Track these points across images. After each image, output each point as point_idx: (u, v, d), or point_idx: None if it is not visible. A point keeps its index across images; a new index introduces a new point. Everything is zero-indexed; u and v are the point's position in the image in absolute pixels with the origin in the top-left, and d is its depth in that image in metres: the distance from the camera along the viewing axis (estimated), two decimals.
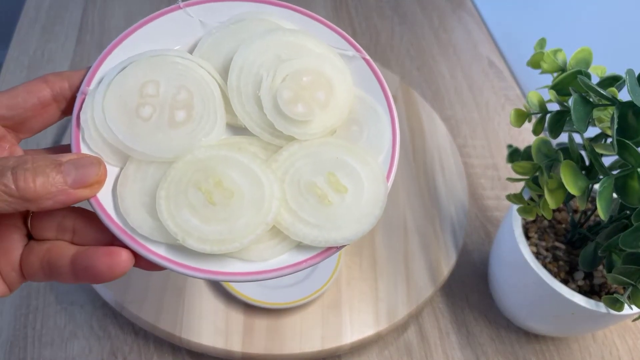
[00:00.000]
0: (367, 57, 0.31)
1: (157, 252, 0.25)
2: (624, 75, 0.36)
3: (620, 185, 0.37)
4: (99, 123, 0.26)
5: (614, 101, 0.36)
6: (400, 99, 0.73)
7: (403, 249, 0.57)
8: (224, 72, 0.29)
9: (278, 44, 0.30)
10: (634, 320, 0.41)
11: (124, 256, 0.24)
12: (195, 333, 0.48)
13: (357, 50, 0.31)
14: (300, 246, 0.27)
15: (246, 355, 0.48)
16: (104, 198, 0.26)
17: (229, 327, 0.49)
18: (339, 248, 0.27)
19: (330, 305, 0.52)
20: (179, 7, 0.30)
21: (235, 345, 0.48)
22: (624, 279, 0.38)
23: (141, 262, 0.26)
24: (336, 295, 0.52)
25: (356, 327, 0.50)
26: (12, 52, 0.73)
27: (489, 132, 0.73)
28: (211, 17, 0.31)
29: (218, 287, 0.51)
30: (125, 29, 0.30)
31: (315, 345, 0.49)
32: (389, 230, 0.58)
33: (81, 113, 0.26)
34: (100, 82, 0.28)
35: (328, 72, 0.29)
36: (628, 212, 0.42)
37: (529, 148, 0.48)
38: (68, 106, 0.28)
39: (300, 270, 0.26)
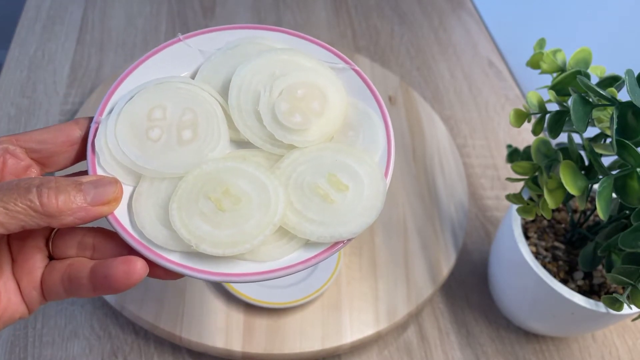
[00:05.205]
0: (356, 67, 0.33)
1: (172, 259, 0.27)
2: (623, 76, 0.36)
3: (620, 185, 0.37)
4: (113, 147, 0.29)
5: (613, 101, 0.36)
6: (400, 99, 0.73)
7: (403, 249, 0.57)
8: (224, 93, 0.32)
9: (272, 62, 0.32)
10: (634, 320, 0.41)
11: (139, 264, 0.26)
12: (196, 333, 0.48)
13: (346, 62, 0.33)
14: (308, 244, 0.28)
15: (246, 355, 0.48)
16: (120, 214, 0.28)
17: (229, 327, 0.49)
18: (345, 242, 0.28)
19: (330, 305, 0.52)
20: (180, 40, 0.33)
21: (236, 345, 0.48)
22: (624, 278, 0.38)
23: (158, 271, 0.27)
24: (336, 295, 0.53)
25: (356, 327, 0.50)
26: (12, 52, 0.73)
27: (488, 132, 0.73)
28: (209, 46, 0.33)
29: (218, 287, 0.51)
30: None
31: (315, 345, 0.49)
32: (389, 230, 0.58)
33: (96, 140, 0.29)
34: (111, 111, 0.30)
35: (321, 83, 0.32)
36: (627, 212, 0.42)
37: (528, 148, 0.48)
38: None
39: (310, 267, 0.28)
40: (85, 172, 0.29)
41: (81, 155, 0.30)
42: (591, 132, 0.42)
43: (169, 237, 0.27)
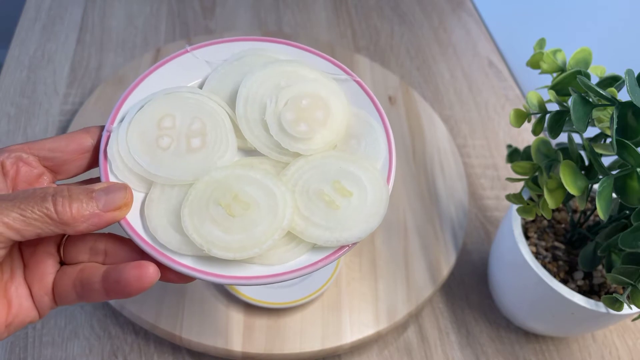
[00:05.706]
0: (358, 79, 0.34)
1: (185, 263, 0.28)
2: (623, 76, 0.36)
3: (620, 185, 0.37)
4: (124, 155, 0.30)
5: (613, 101, 0.36)
6: (400, 99, 0.73)
7: (403, 249, 0.57)
8: (232, 103, 0.33)
9: (277, 73, 0.33)
10: (634, 320, 0.41)
11: (151, 269, 0.27)
12: (196, 333, 0.48)
13: (348, 74, 0.34)
14: (315, 248, 0.29)
15: (246, 355, 0.48)
16: (133, 220, 0.28)
17: (229, 327, 0.49)
18: (350, 246, 0.29)
19: (330, 305, 0.52)
20: (187, 51, 0.34)
21: (236, 345, 0.48)
22: (624, 278, 0.38)
23: (169, 275, 0.28)
24: (336, 295, 0.53)
25: (356, 327, 0.50)
26: (12, 52, 0.73)
27: (488, 132, 0.73)
28: (215, 57, 0.35)
29: (218, 287, 0.51)
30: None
31: (315, 345, 0.49)
32: (389, 231, 0.58)
33: (108, 148, 0.30)
34: (122, 120, 0.31)
35: (324, 94, 0.33)
36: (627, 212, 0.42)
37: (528, 148, 0.48)
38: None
39: (317, 270, 0.28)
40: (96, 180, 0.30)
41: (93, 163, 0.30)
42: (591, 132, 0.42)
43: (181, 242, 0.28)
